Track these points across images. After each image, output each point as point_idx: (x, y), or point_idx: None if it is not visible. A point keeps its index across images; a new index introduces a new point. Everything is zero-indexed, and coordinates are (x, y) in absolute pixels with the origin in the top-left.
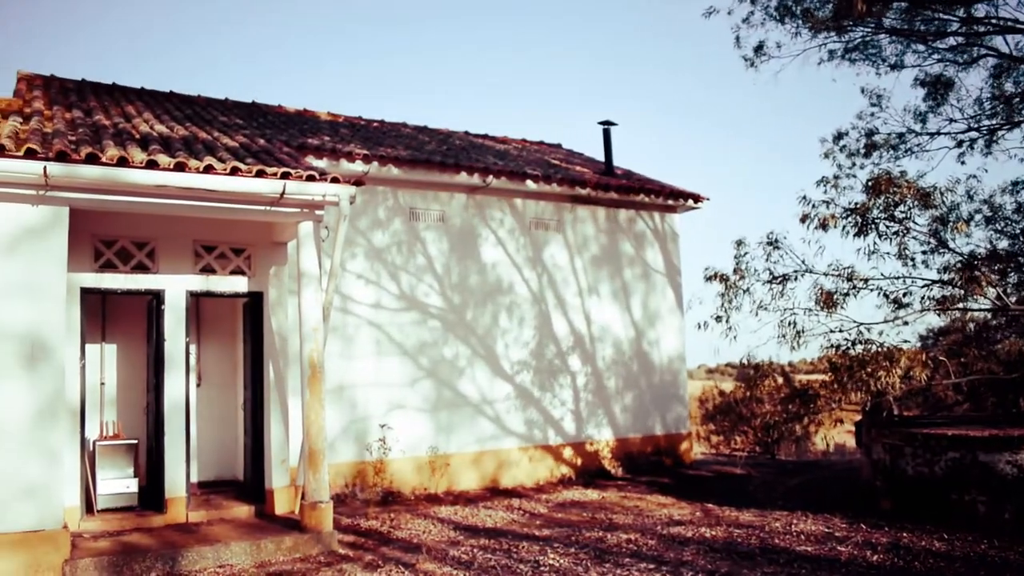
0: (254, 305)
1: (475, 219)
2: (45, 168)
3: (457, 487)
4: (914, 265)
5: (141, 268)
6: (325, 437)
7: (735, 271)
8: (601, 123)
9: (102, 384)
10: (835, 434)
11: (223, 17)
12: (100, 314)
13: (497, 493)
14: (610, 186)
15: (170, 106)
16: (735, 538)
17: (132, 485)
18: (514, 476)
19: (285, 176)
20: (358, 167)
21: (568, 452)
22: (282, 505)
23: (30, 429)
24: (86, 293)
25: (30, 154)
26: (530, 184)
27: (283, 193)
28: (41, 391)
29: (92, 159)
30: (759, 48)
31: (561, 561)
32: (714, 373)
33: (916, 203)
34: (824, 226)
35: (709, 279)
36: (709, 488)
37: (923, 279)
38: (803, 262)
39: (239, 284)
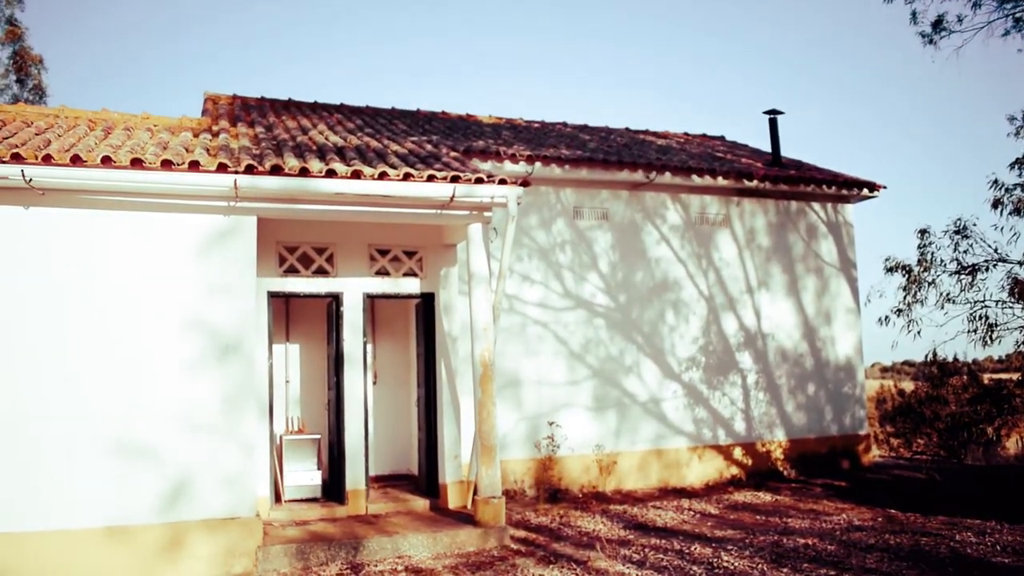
0: (426, 306)
1: (639, 216)
2: (235, 181)
3: (625, 486)
4: None
5: (321, 272)
6: (496, 434)
7: (919, 262)
8: (767, 112)
9: (287, 382)
10: None
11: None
12: (284, 316)
13: (666, 493)
14: (779, 177)
15: (341, 116)
16: (922, 546)
17: (316, 477)
18: (683, 476)
19: (455, 180)
20: (521, 168)
21: (738, 452)
22: (455, 499)
23: (227, 422)
24: (272, 296)
25: (221, 168)
26: (695, 178)
27: (453, 196)
28: (236, 386)
29: (276, 170)
30: (938, 23)
31: (736, 563)
32: (889, 372)
33: None
34: (1019, 211)
35: (890, 271)
36: (890, 493)
37: None
38: (995, 250)
39: (412, 286)
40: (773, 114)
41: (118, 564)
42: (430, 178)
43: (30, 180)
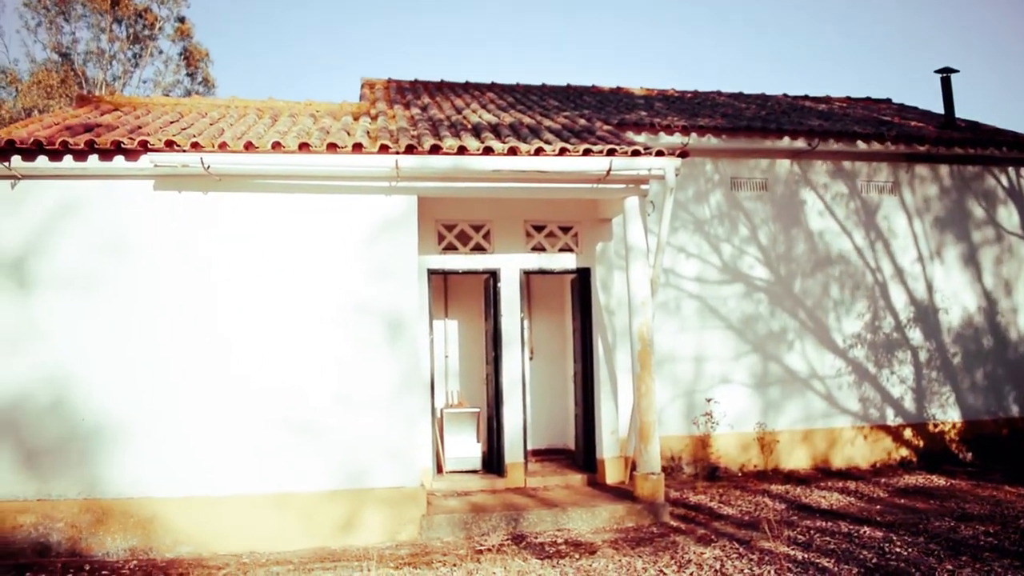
0: (582, 281)
1: (800, 185)
2: (396, 161)
3: (785, 465)
4: None
5: (478, 249)
6: (655, 409)
7: None
8: (939, 71)
9: (446, 357)
10: None
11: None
12: (443, 292)
13: (829, 474)
14: (953, 140)
15: (492, 95)
16: None
17: (475, 450)
18: (847, 456)
19: (611, 153)
20: (676, 139)
21: (908, 433)
22: (612, 475)
23: (394, 396)
24: (431, 274)
25: (383, 149)
26: (860, 144)
27: (610, 170)
28: (401, 363)
29: (435, 150)
30: None
31: (908, 550)
32: None
33: None
34: None
35: None
36: None
37: None
38: None
39: (567, 261)
40: (946, 73)
41: (289, 529)
42: (586, 152)
43: (208, 167)
